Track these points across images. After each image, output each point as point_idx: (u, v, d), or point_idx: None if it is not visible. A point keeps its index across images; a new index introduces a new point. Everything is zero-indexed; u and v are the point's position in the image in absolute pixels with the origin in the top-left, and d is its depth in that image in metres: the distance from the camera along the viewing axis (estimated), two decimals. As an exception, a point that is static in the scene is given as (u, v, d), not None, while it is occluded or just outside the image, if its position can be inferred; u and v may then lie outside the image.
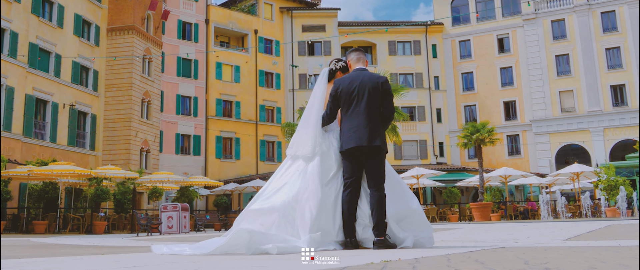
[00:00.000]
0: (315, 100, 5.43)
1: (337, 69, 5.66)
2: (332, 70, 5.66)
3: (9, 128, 26.68)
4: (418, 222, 5.39)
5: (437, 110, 46.71)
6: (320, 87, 5.50)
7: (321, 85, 5.52)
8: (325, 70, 5.63)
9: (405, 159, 44.87)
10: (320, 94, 5.45)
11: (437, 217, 30.55)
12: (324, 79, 5.57)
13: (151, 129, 36.69)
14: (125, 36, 34.95)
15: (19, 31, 27.54)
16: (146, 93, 36.04)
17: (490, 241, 6.37)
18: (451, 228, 11.89)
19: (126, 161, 33.88)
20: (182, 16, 41.53)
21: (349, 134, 5.18)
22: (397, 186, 5.49)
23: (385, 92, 5.27)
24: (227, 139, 43.12)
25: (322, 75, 5.61)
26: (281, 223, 5.16)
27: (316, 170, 5.18)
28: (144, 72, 36.17)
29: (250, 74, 44.55)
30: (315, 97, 5.45)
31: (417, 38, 47.46)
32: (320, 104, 5.40)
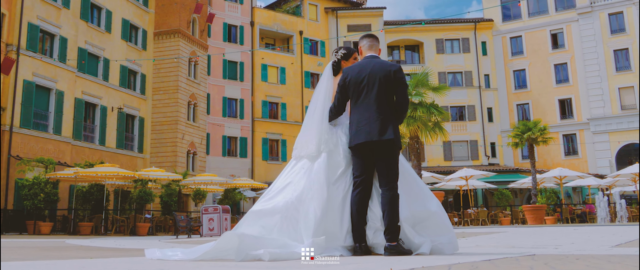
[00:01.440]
0: (319, 95, 4.97)
1: (339, 59, 5.15)
2: (336, 62, 5.17)
3: (59, 131, 27.20)
4: (437, 226, 4.82)
5: (488, 109, 45.33)
6: (325, 81, 5.03)
7: (325, 78, 5.05)
8: (329, 64, 5.16)
9: (455, 160, 43.73)
10: (324, 88, 4.98)
11: (488, 220, 29.48)
12: (328, 72, 5.10)
13: (198, 131, 36.91)
14: (171, 40, 35.29)
15: (68, 36, 28.08)
16: (192, 96, 36.28)
17: (528, 247, 5.82)
18: (493, 232, 11.17)
19: (173, 163, 34.16)
20: (228, 19, 41.69)
21: (358, 127, 4.68)
22: (414, 185, 4.93)
23: (398, 81, 4.73)
24: (274, 140, 43.01)
25: (326, 69, 5.13)
26: (283, 226, 4.71)
27: (322, 168, 4.71)
28: (190, 75, 36.44)
29: (296, 75, 44.33)
30: (320, 91, 5.00)
31: (465, 35, 46.24)
32: (326, 98, 4.93)
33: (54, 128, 26.90)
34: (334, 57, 5.18)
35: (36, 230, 22.49)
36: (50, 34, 27.23)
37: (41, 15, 26.30)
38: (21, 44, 25.18)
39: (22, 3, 25.22)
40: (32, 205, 22.62)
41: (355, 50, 5.17)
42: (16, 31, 25.05)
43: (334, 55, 5.20)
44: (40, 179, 23.08)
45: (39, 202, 22.69)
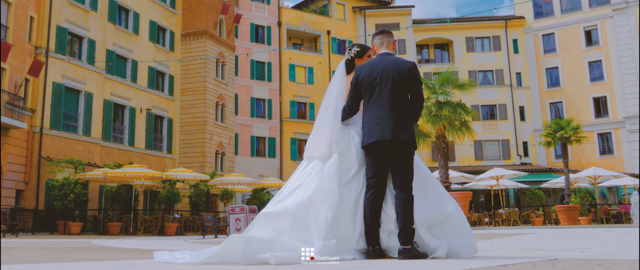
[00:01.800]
0: (332, 94, 4.78)
1: (353, 57, 4.97)
2: (349, 60, 4.99)
3: (88, 133, 27.51)
4: (454, 228, 4.58)
5: (520, 108, 44.48)
6: (337, 80, 4.85)
7: (338, 77, 4.86)
8: (342, 62, 4.96)
9: (486, 160, 43.02)
10: (337, 87, 4.79)
11: (520, 220, 28.85)
12: (341, 70, 4.90)
13: (226, 131, 37.01)
14: (198, 41, 35.46)
15: (97, 39, 28.38)
16: (220, 96, 36.39)
17: (553, 250, 5.56)
18: (522, 233, 10.80)
19: (202, 164, 34.32)
20: (255, 19, 41.74)
21: (371, 126, 4.50)
22: (430, 186, 4.71)
23: (412, 78, 4.53)
24: (302, 140, 42.86)
25: (339, 67, 4.93)
26: (294, 228, 4.55)
27: (333, 169, 4.52)
28: (218, 75, 36.56)
29: (324, 75, 44.16)
30: (332, 90, 4.81)
31: (496, 33, 45.45)
32: (339, 97, 4.75)
33: (83, 129, 27.21)
34: (347, 54, 5.01)
35: (66, 230, 22.76)
36: (78, 37, 27.56)
37: (69, 18, 26.62)
38: (50, 46, 25.52)
39: (50, 6, 25.56)
40: (62, 205, 22.90)
41: (369, 48, 5.00)
42: (45, 34, 25.40)
43: (347, 53, 5.02)
44: (69, 179, 23.36)
45: (68, 202, 22.96)
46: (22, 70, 23.64)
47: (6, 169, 23.10)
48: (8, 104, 22.73)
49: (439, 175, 15.30)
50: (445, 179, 15.13)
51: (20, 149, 23.97)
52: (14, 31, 23.35)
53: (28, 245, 8.98)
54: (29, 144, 24.52)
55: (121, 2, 30.95)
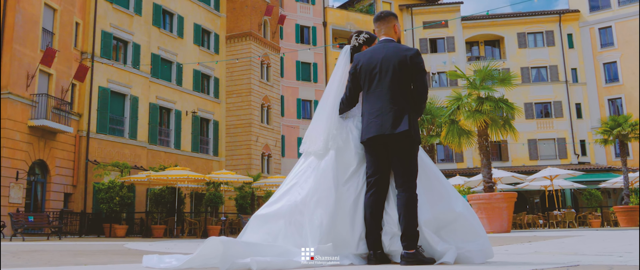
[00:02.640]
0: (333, 85, 4.36)
1: (360, 44, 4.48)
2: (355, 47, 4.50)
3: (134, 136, 27.83)
4: (464, 230, 4.09)
5: (577, 105, 42.69)
6: (340, 69, 4.41)
7: (341, 66, 4.42)
8: (347, 48, 4.51)
9: (541, 159, 41.47)
10: (339, 77, 4.36)
11: (576, 222, 27.52)
12: (345, 58, 4.45)
13: (272, 133, 36.90)
14: (243, 43, 35.50)
15: (141, 43, 28.71)
16: (265, 98, 36.32)
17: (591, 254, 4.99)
18: (568, 235, 10.03)
19: (248, 166, 34.30)
20: (300, 20, 41.55)
21: (370, 119, 4.06)
22: (436, 184, 4.22)
23: (415, 66, 4.06)
24: (350, 142, 42.36)
25: (342, 54, 4.49)
26: (288, 231, 4.15)
27: (330, 167, 4.10)
28: (263, 77, 36.51)
29: (371, 75, 43.51)
30: (333, 80, 4.38)
31: (549, 28, 43.79)
32: (339, 88, 4.32)
33: (129, 133, 27.54)
34: (354, 41, 4.52)
35: (112, 233, 23.02)
36: (123, 41, 27.94)
37: (114, 22, 27.00)
38: (95, 51, 25.93)
39: (95, 11, 25.98)
40: (108, 208, 23.17)
41: (377, 36, 4.50)
42: (90, 39, 25.82)
43: (354, 39, 4.53)
44: (115, 183, 23.63)
45: (114, 205, 23.23)
46: (68, 75, 24.07)
47: (54, 172, 23.54)
48: (55, 109, 23.15)
49: (482, 176, 14.56)
50: (488, 179, 14.35)
51: (67, 153, 24.40)
52: (60, 37, 23.80)
53: (51, 248, 8.86)
54: (76, 148, 24.95)
55: (165, 6, 31.24)
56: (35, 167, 23.04)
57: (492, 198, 13.11)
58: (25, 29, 21.88)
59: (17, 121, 21.46)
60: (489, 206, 12.95)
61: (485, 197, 13.08)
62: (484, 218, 13.12)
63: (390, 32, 4.31)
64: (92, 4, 26.02)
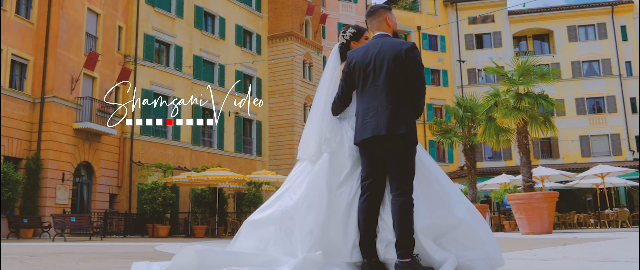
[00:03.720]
0: (323, 86, 4.12)
1: (347, 41, 4.23)
2: (343, 44, 4.25)
3: (178, 137, 28.18)
4: (466, 238, 3.80)
5: (631, 99, 40.94)
6: (330, 68, 4.17)
7: (331, 65, 4.18)
8: (335, 47, 4.26)
9: (594, 156, 39.97)
10: (329, 76, 4.13)
11: (629, 222, 26.35)
12: (334, 57, 4.20)
13: (315, 133, 36.71)
14: (284, 43, 35.50)
15: (183, 45, 29.05)
16: (308, 98, 36.24)
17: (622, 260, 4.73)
18: (607, 238, 9.47)
19: (291, 165, 34.09)
20: (342, 19, 41.28)
21: (364, 120, 3.79)
22: (437, 188, 3.92)
23: (411, 61, 3.76)
24: (394, 140, 41.91)
25: (332, 53, 4.24)
26: (279, 238, 3.96)
27: (322, 171, 3.87)
28: (305, 77, 36.44)
29: (415, 73, 42.89)
30: (324, 81, 4.15)
31: (601, 20, 42.13)
32: (330, 89, 4.07)
33: (172, 134, 27.90)
34: (341, 38, 4.28)
35: (155, 233, 23.34)
36: (165, 44, 28.32)
37: (156, 25, 27.39)
38: (138, 54, 26.36)
39: (137, 15, 26.40)
40: (151, 209, 23.50)
41: (366, 29, 4.25)
42: (133, 42, 26.25)
43: (341, 36, 4.30)
44: (158, 183, 23.96)
45: (157, 205, 23.53)
46: (112, 78, 24.54)
47: (99, 174, 24.04)
48: (100, 111, 23.65)
49: (522, 175, 14.01)
50: (528, 178, 13.78)
51: (112, 154, 24.88)
52: (103, 41, 24.29)
53: (71, 251, 8.92)
54: (120, 150, 25.41)
55: (207, 8, 31.52)
56: (81, 169, 23.59)
57: (531, 198, 12.58)
58: (69, 34, 22.40)
59: (62, 124, 21.99)
60: (529, 206, 12.44)
61: (525, 197, 12.57)
62: (523, 219, 12.63)
63: (383, 26, 4.06)
64: (134, 7, 26.46)
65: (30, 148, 21.37)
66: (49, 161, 21.31)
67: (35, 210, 20.71)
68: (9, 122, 20.41)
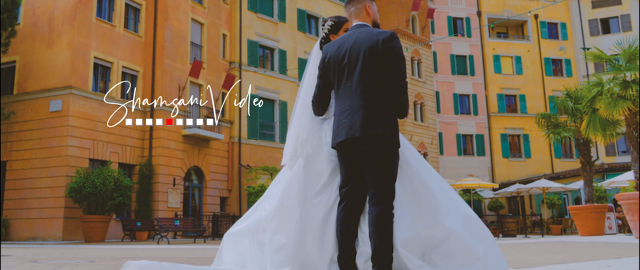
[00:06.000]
0: (302, 85, 3.78)
1: (327, 34, 3.84)
2: (323, 38, 3.86)
3: (285, 140, 28.47)
4: (458, 251, 3.26)
5: None
6: (310, 64, 3.81)
7: (311, 61, 3.82)
8: (317, 42, 3.90)
9: None
10: (309, 75, 3.77)
11: None
12: (315, 52, 3.84)
13: (427, 131, 35.80)
14: (391, 40, 34.85)
15: (287, 48, 29.39)
16: (418, 95, 35.33)
17: None
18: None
19: (402, 166, 33.58)
20: (452, 12, 39.88)
21: (340, 120, 3.37)
22: (424, 194, 3.42)
23: (388, 52, 3.29)
24: (514, 136, 39.89)
25: (314, 49, 3.88)
26: (253, 252, 3.67)
27: (295, 178, 3.53)
28: (414, 73, 35.56)
29: (534, 64, 40.51)
30: (304, 80, 3.80)
31: None
32: (309, 87, 3.71)
33: (280, 137, 28.28)
34: (321, 31, 3.89)
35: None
36: (269, 48, 28.78)
37: (259, 31, 27.92)
38: (243, 60, 27.00)
39: (240, 22, 27.05)
40: (259, 211, 23.86)
41: (346, 20, 3.78)
42: (237, 49, 26.93)
43: (321, 30, 3.91)
44: (265, 186, 24.35)
45: (264, 208, 23.86)
46: (218, 85, 25.32)
47: (209, 177, 24.88)
48: (207, 117, 24.47)
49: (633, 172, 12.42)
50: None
51: (221, 158, 25.66)
52: (208, 49, 25.14)
53: (152, 254, 9.07)
54: (229, 154, 26.14)
55: (309, 11, 31.66)
56: (192, 173, 24.53)
57: (643, 198, 11.10)
58: (175, 44, 23.39)
59: (172, 130, 22.98)
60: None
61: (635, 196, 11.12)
62: (635, 221, 11.17)
63: (361, 15, 3.59)
64: (237, 15, 27.15)
65: (142, 155, 22.54)
66: (160, 167, 22.35)
67: (149, 214, 21.79)
68: (122, 130, 21.65)
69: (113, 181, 18.76)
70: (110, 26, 21.80)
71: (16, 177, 20.29)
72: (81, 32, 20.48)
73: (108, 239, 19.96)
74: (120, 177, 19.42)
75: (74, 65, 20.12)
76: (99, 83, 21.49)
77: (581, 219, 16.98)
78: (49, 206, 19.43)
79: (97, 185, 18.15)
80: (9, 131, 20.56)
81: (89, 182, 18.25)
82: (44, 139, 19.99)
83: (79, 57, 20.35)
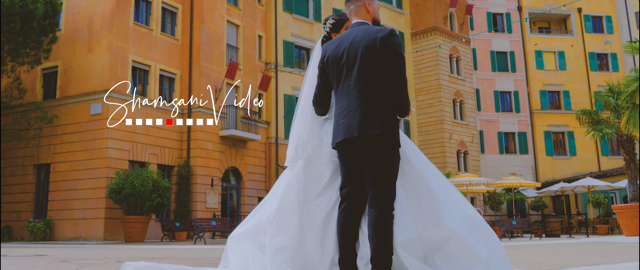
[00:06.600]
0: (304, 85, 3.74)
1: (328, 33, 3.79)
2: (325, 37, 3.81)
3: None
4: (460, 253, 3.18)
5: None
6: (312, 64, 3.75)
7: (313, 61, 3.75)
8: (319, 41, 3.84)
9: None
10: (310, 75, 3.72)
11: None
12: (316, 51, 3.77)
13: (467, 129, 35.29)
14: (428, 38, 34.52)
15: (324, 48, 29.36)
16: (457, 93, 34.86)
17: None
18: None
19: (442, 164, 33.25)
20: (491, 8, 39.17)
21: (338, 120, 3.32)
22: (426, 195, 3.34)
23: (386, 49, 3.20)
24: (558, 133, 38.94)
25: (315, 48, 3.82)
26: (255, 254, 3.66)
27: (295, 180, 3.50)
28: (452, 71, 35.11)
29: (578, 59, 39.45)
30: (305, 80, 3.75)
31: None
32: (311, 87, 3.66)
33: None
34: (323, 30, 3.84)
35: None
36: (305, 49, 28.82)
37: (295, 31, 27.99)
38: (278, 61, 27.11)
39: (276, 23, 27.18)
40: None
41: (348, 18, 3.69)
42: (273, 50, 27.07)
43: (322, 29, 3.85)
44: (301, 186, 24.37)
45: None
46: (254, 86, 25.48)
47: (247, 178, 25.06)
48: (244, 119, 24.66)
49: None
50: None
51: (258, 159, 25.82)
52: (244, 50, 25.32)
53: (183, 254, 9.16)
54: (266, 154, 26.28)
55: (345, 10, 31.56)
56: (229, 174, 24.75)
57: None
58: (211, 47, 23.64)
59: (209, 132, 23.24)
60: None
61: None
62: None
63: (361, 13, 3.51)
64: (272, 16, 27.29)
65: (181, 156, 22.87)
66: (198, 168, 22.63)
67: (188, 214, 22.08)
68: (161, 132, 22.01)
69: (151, 182, 19.07)
70: (147, 30, 22.19)
71: (60, 178, 20.86)
72: (119, 36, 20.91)
73: (148, 239, 20.31)
74: (158, 178, 19.73)
75: (113, 69, 20.55)
76: (137, 86, 21.90)
77: (625, 218, 16.44)
78: (90, 207, 19.90)
79: (135, 186, 18.49)
80: (53, 134, 21.15)
81: (128, 183, 18.61)
82: (85, 141, 20.49)
83: (118, 61, 20.77)
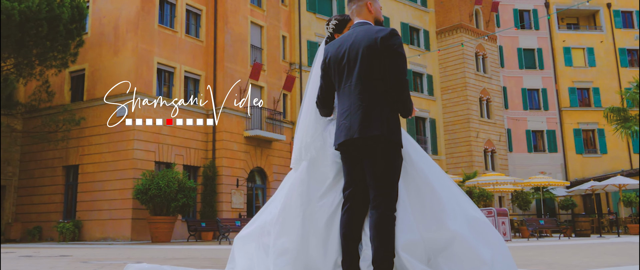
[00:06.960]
0: (308, 86, 3.73)
1: (331, 34, 3.78)
2: (328, 38, 3.80)
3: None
4: (463, 256, 3.14)
5: None
6: (316, 65, 3.73)
7: (317, 62, 3.75)
8: (323, 42, 3.81)
9: None
10: (314, 76, 3.70)
11: None
12: (320, 52, 3.77)
13: (494, 127, 34.89)
14: (454, 36, 34.21)
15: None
16: (483, 91, 34.50)
17: None
18: None
19: (469, 163, 32.95)
20: (518, 4, 38.67)
21: (340, 121, 3.31)
22: (429, 196, 3.31)
23: (387, 49, 3.18)
24: (588, 131, 38.26)
25: (319, 49, 3.82)
26: (259, 256, 3.66)
27: (298, 181, 3.51)
28: (479, 69, 34.75)
29: (608, 55, 38.70)
30: (309, 81, 3.75)
31: None
32: (315, 88, 3.65)
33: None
34: (326, 31, 3.82)
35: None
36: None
37: (319, 32, 28.02)
38: (302, 61, 27.14)
39: (299, 24, 27.22)
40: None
41: (350, 19, 3.67)
42: (297, 50, 27.12)
43: (326, 29, 3.84)
44: (326, 186, 24.37)
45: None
46: (278, 86, 25.57)
47: (272, 178, 25.15)
48: (269, 119, 24.75)
49: None
50: None
51: (283, 159, 25.88)
52: (268, 51, 25.42)
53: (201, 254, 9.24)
54: (291, 154, 26.30)
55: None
56: (255, 174, 24.86)
57: None
58: (235, 48, 23.78)
59: (234, 132, 23.38)
60: None
61: None
62: None
63: (363, 13, 3.48)
64: (296, 16, 27.34)
65: (206, 157, 23.05)
66: (223, 168, 22.78)
67: (214, 215, 22.24)
68: (186, 133, 22.22)
69: (177, 183, 19.25)
70: (172, 32, 22.43)
71: (88, 180, 21.21)
72: (144, 38, 21.17)
73: (174, 239, 20.52)
74: (183, 179, 19.91)
75: (139, 71, 20.81)
76: (163, 88, 22.14)
77: (656, 217, 16.04)
78: (118, 207, 20.18)
79: (161, 187, 18.69)
80: (80, 136, 21.51)
81: (154, 184, 18.82)
82: (112, 143, 20.79)
83: (143, 63, 21.03)
